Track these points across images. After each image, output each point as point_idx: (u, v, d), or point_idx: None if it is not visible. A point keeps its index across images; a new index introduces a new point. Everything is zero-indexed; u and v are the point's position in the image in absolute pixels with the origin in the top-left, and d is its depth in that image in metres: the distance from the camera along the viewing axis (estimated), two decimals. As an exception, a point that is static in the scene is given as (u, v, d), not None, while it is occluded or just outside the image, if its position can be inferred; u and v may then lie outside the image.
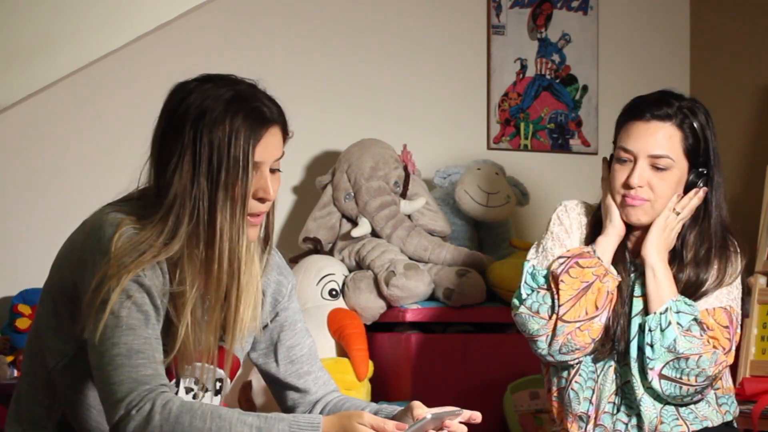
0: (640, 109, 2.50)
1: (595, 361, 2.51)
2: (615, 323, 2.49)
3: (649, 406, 2.46)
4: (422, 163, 3.87)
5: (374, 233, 3.57)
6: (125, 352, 1.81)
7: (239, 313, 1.95)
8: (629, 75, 4.26)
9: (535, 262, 2.54)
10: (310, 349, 2.16)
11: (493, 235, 3.83)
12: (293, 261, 3.62)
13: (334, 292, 3.47)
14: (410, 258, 3.50)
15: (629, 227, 2.56)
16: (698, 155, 2.48)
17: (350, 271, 3.55)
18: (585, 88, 4.27)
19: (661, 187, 2.47)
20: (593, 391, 2.50)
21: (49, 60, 3.75)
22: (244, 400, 3.33)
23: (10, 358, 3.22)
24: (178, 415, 1.79)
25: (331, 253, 3.63)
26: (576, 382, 2.52)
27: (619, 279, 2.48)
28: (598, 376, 2.51)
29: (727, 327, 2.45)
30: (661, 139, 2.46)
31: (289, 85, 3.68)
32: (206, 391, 2.02)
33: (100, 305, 1.83)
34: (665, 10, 4.41)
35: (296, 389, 2.14)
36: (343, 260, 3.58)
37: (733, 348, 2.46)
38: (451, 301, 3.41)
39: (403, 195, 3.62)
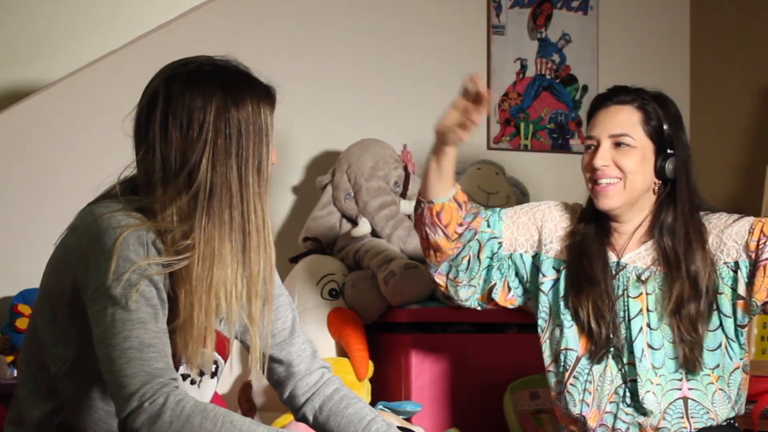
0: (601, 100, 2.58)
1: (591, 363, 2.51)
2: (603, 328, 2.48)
3: (653, 403, 2.45)
4: (422, 163, 3.86)
5: (374, 233, 3.57)
6: (137, 346, 1.81)
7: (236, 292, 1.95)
8: (629, 75, 4.23)
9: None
10: (293, 322, 2.16)
11: (493, 235, 3.83)
12: (293, 261, 3.62)
13: (334, 292, 3.47)
14: (410, 258, 3.49)
15: (610, 227, 2.56)
16: (663, 138, 2.51)
17: (350, 271, 3.54)
18: (585, 88, 4.27)
19: (627, 163, 2.49)
20: (590, 393, 2.50)
21: (49, 60, 3.75)
22: (244, 400, 3.33)
23: (10, 358, 3.22)
24: (189, 415, 1.79)
25: (331, 253, 3.63)
26: (571, 384, 2.52)
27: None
28: (594, 377, 2.50)
29: None
30: (620, 119, 2.52)
31: (290, 86, 3.65)
32: (202, 375, 2.03)
33: (109, 300, 1.83)
34: (665, 10, 4.41)
35: (279, 361, 2.14)
36: (343, 260, 3.58)
37: None
38: (450, 302, 3.41)
39: (403, 195, 3.62)
